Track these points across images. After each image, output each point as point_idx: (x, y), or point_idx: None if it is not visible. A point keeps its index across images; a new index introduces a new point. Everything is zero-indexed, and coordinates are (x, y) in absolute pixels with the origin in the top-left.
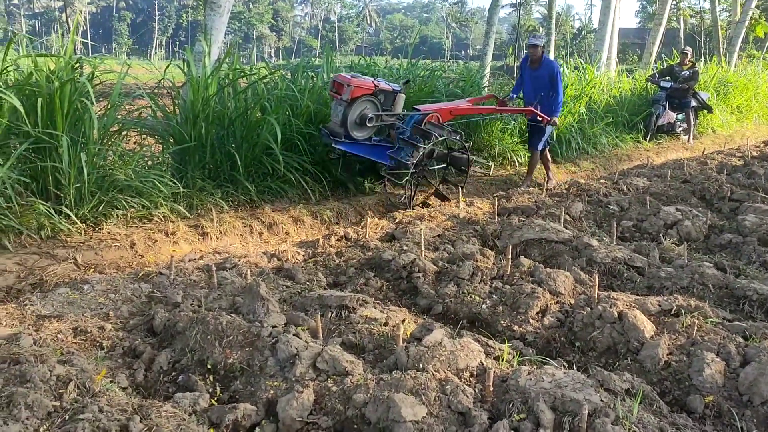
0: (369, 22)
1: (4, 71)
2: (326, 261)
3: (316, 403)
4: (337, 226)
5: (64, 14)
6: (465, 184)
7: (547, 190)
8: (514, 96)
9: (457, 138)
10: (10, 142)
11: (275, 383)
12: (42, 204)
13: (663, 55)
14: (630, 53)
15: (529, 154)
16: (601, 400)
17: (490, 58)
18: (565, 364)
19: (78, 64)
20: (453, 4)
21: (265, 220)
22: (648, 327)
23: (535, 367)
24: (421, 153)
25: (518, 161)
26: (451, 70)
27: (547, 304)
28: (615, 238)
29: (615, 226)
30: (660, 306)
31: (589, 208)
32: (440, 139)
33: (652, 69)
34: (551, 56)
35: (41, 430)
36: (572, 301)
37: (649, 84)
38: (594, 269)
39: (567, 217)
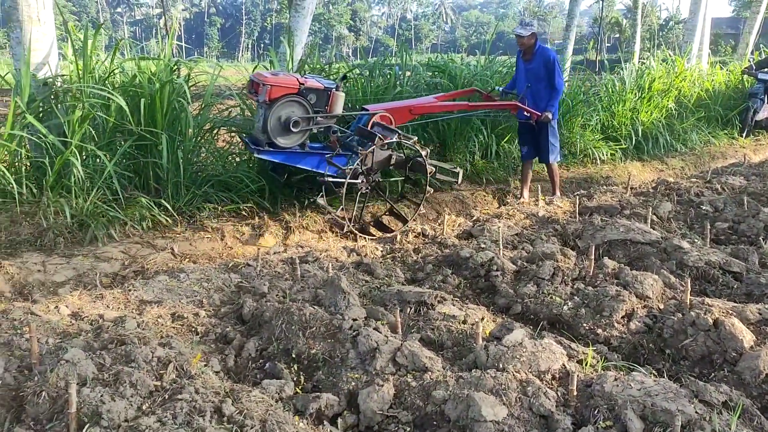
0: (445, 19)
1: (112, 74)
2: (404, 257)
3: (396, 397)
4: (415, 222)
5: (161, 20)
6: (423, 200)
7: (553, 201)
8: (505, 91)
9: (410, 142)
10: (116, 139)
11: (356, 375)
12: (144, 197)
13: (761, 45)
14: (723, 44)
15: (546, 168)
16: (696, 412)
17: (570, 52)
18: (654, 372)
19: (175, 67)
20: None
21: (342, 216)
22: (747, 336)
23: (621, 373)
24: (357, 161)
25: (600, 158)
26: None
27: (634, 308)
28: (708, 240)
29: (708, 227)
30: (761, 314)
31: (678, 208)
32: (384, 143)
33: (749, 60)
34: (636, 48)
35: (144, 407)
36: (661, 306)
37: (746, 76)
38: (685, 273)
39: (654, 217)
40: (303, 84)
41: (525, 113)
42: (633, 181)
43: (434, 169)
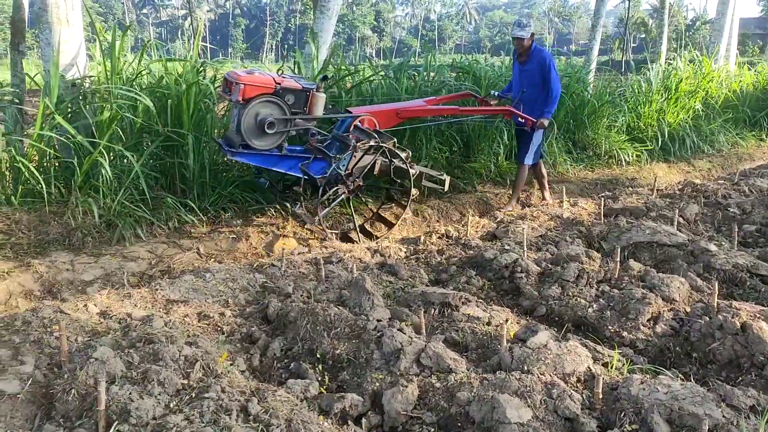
0: (468, 20)
1: (139, 75)
2: (428, 258)
3: (420, 398)
4: (438, 223)
5: (186, 21)
6: (409, 206)
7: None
8: (501, 96)
9: (388, 146)
10: (143, 140)
11: (380, 376)
12: (170, 197)
13: None
14: (750, 45)
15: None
16: (723, 416)
17: (596, 52)
18: (680, 375)
19: (202, 68)
20: None
21: (367, 216)
22: None
23: (647, 376)
24: (333, 166)
25: (625, 159)
26: None
27: (660, 311)
28: (736, 243)
29: (736, 230)
30: None
31: (705, 210)
32: (362, 147)
33: None
34: (663, 48)
35: (171, 405)
36: (688, 309)
37: None
38: (712, 276)
39: (680, 219)
40: (279, 84)
41: (520, 119)
42: (659, 182)
43: (416, 172)
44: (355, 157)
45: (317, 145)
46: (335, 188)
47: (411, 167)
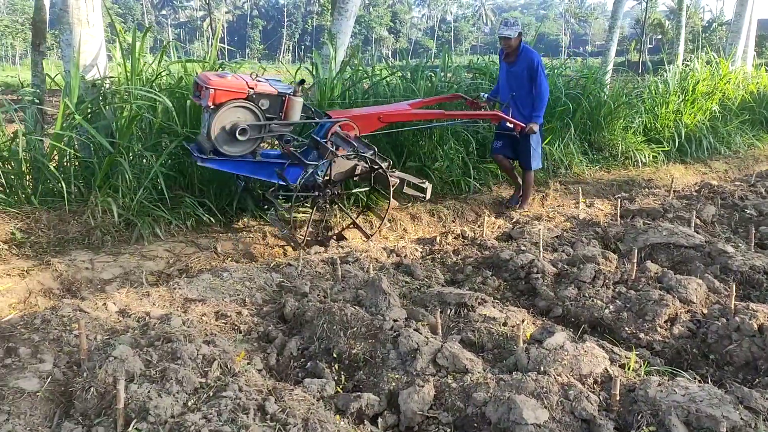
0: (485, 21)
1: (159, 76)
2: (443, 258)
3: (436, 398)
4: (454, 224)
5: (205, 23)
6: (387, 214)
7: (512, 209)
8: (490, 98)
9: (369, 153)
10: (162, 140)
11: (396, 376)
12: (188, 197)
13: None
14: None
15: (522, 175)
16: (742, 419)
17: (613, 54)
18: (697, 377)
19: (220, 69)
20: (572, 0)
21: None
22: None
23: (665, 378)
24: (310, 173)
25: (642, 160)
26: (566, 67)
27: (677, 313)
28: (753, 245)
29: (753, 231)
30: None
31: (722, 211)
32: (339, 154)
33: None
34: (680, 50)
35: (189, 403)
36: (705, 311)
37: None
38: (729, 278)
39: (697, 221)
40: (253, 88)
41: (509, 124)
42: (675, 184)
43: (398, 181)
44: (334, 164)
45: (293, 150)
46: (312, 195)
47: (391, 176)
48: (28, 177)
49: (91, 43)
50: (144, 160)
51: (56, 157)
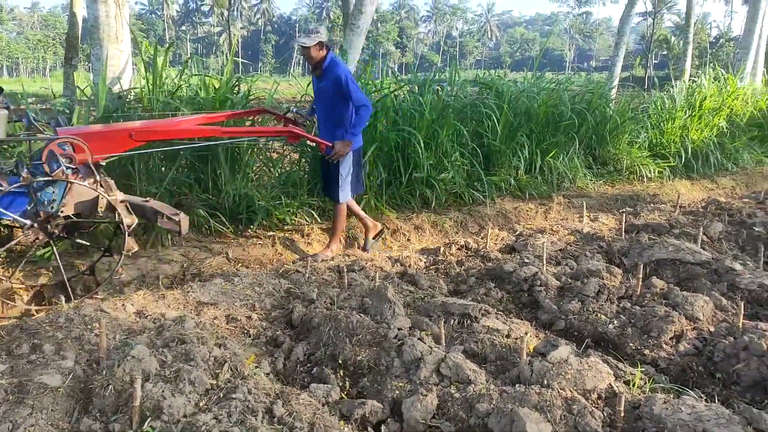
0: (490, 36)
1: (179, 88)
2: (447, 269)
3: (439, 408)
4: (457, 235)
5: (221, 38)
6: (121, 261)
7: (317, 259)
8: (304, 116)
9: (83, 183)
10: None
11: (400, 384)
12: (202, 204)
13: None
14: None
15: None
16: None
17: (619, 69)
18: (703, 396)
19: (236, 83)
20: (577, 16)
21: (389, 226)
22: None
23: (670, 396)
24: (38, 202)
25: (647, 175)
26: (571, 81)
27: (683, 330)
28: (762, 263)
29: (762, 249)
30: None
31: (730, 228)
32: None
33: None
34: (687, 65)
35: (201, 404)
36: (711, 329)
37: None
38: (737, 296)
39: (704, 237)
40: None
41: (309, 142)
42: (682, 199)
43: (133, 222)
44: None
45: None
46: (26, 230)
47: (127, 216)
48: None
49: (118, 58)
50: (162, 168)
51: None
